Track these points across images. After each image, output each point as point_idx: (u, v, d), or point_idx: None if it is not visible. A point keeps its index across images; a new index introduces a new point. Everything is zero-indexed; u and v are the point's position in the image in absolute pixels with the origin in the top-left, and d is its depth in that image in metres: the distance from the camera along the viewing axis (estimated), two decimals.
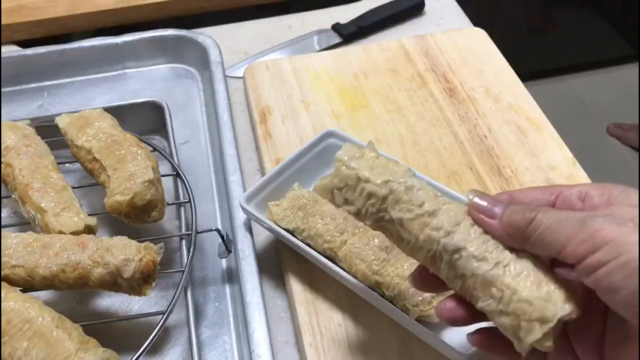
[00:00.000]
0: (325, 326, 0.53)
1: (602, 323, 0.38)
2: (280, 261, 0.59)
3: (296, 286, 0.56)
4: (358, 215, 0.42)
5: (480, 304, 0.39)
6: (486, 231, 0.39)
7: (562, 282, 0.37)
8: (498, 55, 0.80)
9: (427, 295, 0.49)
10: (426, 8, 0.91)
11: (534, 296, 0.36)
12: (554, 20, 2.07)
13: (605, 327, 0.38)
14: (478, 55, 0.80)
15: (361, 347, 0.52)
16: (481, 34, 0.83)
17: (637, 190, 0.37)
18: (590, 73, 2.16)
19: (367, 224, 0.43)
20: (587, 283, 0.34)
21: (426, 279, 0.42)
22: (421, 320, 0.49)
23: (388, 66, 0.79)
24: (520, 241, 0.38)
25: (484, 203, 0.40)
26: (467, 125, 0.70)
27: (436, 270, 0.41)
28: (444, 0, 0.93)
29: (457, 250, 0.39)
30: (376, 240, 0.53)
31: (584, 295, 0.37)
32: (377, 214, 0.41)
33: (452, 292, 0.41)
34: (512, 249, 0.39)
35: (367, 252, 0.52)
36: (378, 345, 0.52)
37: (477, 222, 0.39)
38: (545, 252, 0.37)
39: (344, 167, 0.42)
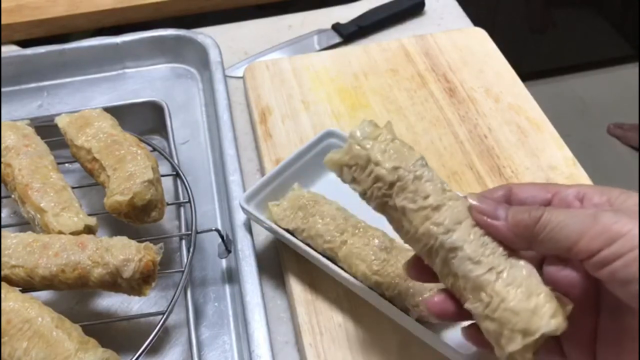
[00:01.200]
0: (325, 326, 0.53)
1: (593, 322, 0.38)
2: (280, 261, 0.59)
3: (296, 286, 0.56)
4: (364, 195, 0.42)
5: (468, 305, 0.39)
6: (487, 233, 0.39)
7: (552, 296, 0.37)
8: (498, 55, 0.80)
9: (427, 295, 0.49)
10: (426, 8, 0.91)
11: (522, 307, 0.36)
12: (554, 20, 2.07)
13: (596, 326, 0.38)
14: (478, 55, 0.80)
15: (361, 347, 0.52)
16: (481, 34, 0.83)
17: (637, 193, 0.37)
18: (590, 73, 2.16)
19: (370, 205, 0.43)
20: (600, 276, 0.35)
21: (420, 269, 0.42)
22: (421, 320, 0.49)
23: (388, 66, 0.79)
24: (527, 240, 0.38)
25: (485, 205, 0.40)
26: (467, 125, 0.70)
27: (430, 263, 0.41)
28: (444, 0, 0.93)
29: (454, 249, 0.39)
30: (376, 241, 0.53)
31: (577, 296, 0.37)
32: (382, 198, 0.41)
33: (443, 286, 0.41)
34: (509, 256, 0.38)
35: (367, 252, 0.52)
36: (378, 345, 0.52)
37: (479, 223, 0.39)
38: (554, 250, 0.37)
39: (356, 146, 0.42)
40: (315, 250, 0.54)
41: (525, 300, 0.36)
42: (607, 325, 0.37)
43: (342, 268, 0.53)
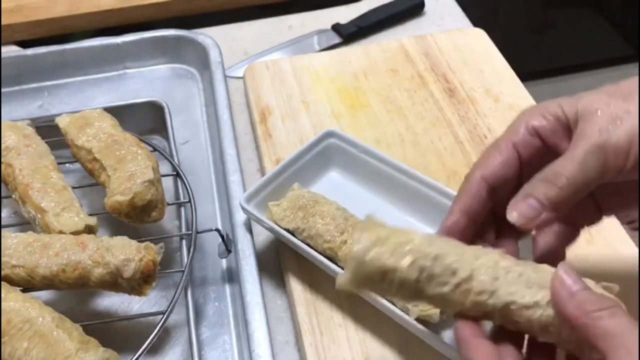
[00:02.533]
0: (325, 326, 0.53)
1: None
2: (280, 261, 0.59)
3: (296, 286, 0.56)
4: (390, 297, 0.41)
5: (544, 340, 0.38)
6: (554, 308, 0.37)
7: None
8: (498, 55, 0.80)
9: None
10: (426, 8, 0.91)
11: None
12: (554, 20, 2.07)
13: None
14: (478, 56, 0.80)
15: (361, 347, 0.52)
16: (481, 34, 0.83)
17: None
18: (590, 73, 2.16)
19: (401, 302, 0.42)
20: None
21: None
22: (421, 320, 0.49)
23: (388, 66, 0.79)
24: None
25: (570, 281, 0.37)
26: (467, 126, 0.70)
27: (486, 319, 0.40)
28: (444, 0, 0.93)
29: (507, 304, 0.38)
30: None
31: None
32: (414, 295, 0.39)
33: None
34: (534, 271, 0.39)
35: None
36: (378, 345, 0.52)
37: (555, 297, 0.37)
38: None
39: (365, 265, 0.38)
40: (315, 250, 0.55)
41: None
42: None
43: (342, 268, 0.53)
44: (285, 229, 0.56)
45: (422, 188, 0.59)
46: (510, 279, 0.38)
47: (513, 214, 0.40)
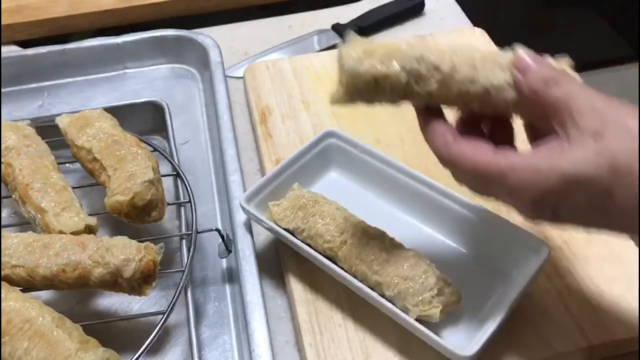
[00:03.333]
0: (325, 326, 0.53)
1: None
2: (280, 261, 0.59)
3: (296, 286, 0.56)
4: (379, 102, 0.44)
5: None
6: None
7: None
8: None
9: (427, 294, 0.49)
10: (426, 8, 0.91)
11: None
12: (554, 21, 2.07)
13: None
14: None
15: (361, 347, 0.52)
16: (481, 34, 0.83)
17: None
18: (590, 73, 2.15)
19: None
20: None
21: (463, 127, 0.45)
22: (421, 320, 0.49)
23: None
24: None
25: (526, 59, 0.44)
26: None
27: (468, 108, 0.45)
28: (444, 0, 0.93)
29: (486, 89, 0.43)
30: (376, 240, 0.53)
31: None
32: (404, 97, 0.43)
33: None
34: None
35: (367, 252, 0.52)
36: (378, 345, 0.52)
37: (513, 77, 0.43)
38: None
39: (359, 73, 0.42)
40: (315, 250, 0.55)
41: None
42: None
43: (342, 268, 0.53)
44: (285, 229, 0.56)
45: (422, 188, 0.59)
46: (486, 66, 0.43)
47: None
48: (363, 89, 0.43)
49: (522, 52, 0.44)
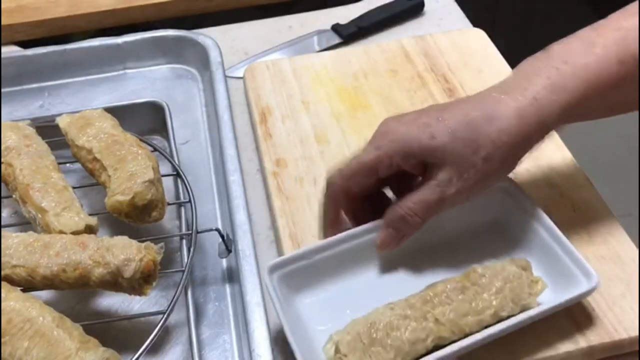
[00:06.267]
0: None
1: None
2: None
3: None
4: None
5: None
6: None
7: None
8: (498, 55, 0.80)
9: (525, 280, 0.51)
10: (426, 8, 0.91)
11: None
12: (553, 21, 2.07)
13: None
14: (477, 56, 0.80)
15: None
16: (481, 35, 0.83)
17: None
18: None
19: None
20: None
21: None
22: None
23: (388, 67, 0.79)
24: None
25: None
26: None
27: None
28: (444, 0, 0.93)
29: None
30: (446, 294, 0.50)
31: None
32: None
33: None
34: None
35: (461, 306, 0.49)
36: None
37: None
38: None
39: None
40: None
41: None
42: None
43: (453, 341, 0.49)
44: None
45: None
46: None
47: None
48: None
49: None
